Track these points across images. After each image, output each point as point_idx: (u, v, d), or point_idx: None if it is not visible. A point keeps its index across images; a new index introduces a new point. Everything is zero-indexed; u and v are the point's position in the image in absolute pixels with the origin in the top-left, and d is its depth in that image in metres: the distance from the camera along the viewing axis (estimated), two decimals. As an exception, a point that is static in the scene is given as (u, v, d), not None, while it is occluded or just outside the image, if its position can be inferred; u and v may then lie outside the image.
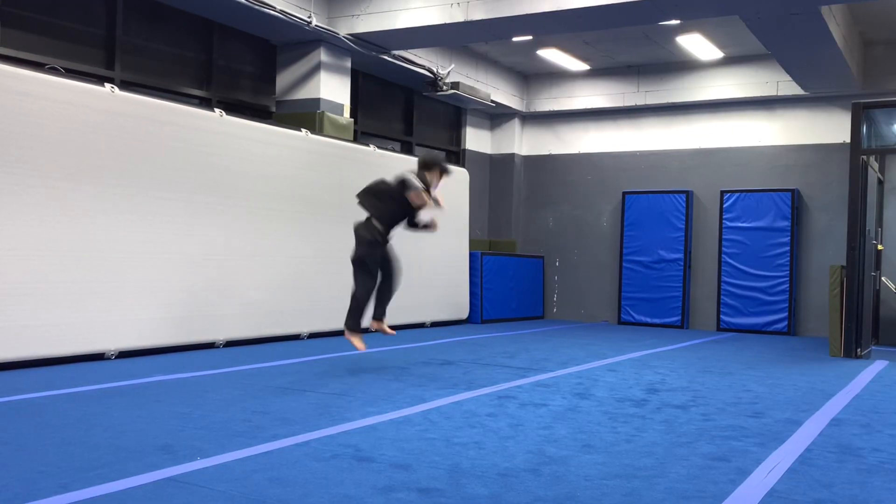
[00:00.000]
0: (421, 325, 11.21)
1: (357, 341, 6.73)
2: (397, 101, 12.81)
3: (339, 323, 9.71)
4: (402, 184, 6.58)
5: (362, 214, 6.78)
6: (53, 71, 7.27)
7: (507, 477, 3.58)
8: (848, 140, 10.52)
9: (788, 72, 10.91)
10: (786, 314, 12.09)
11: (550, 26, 9.54)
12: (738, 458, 4.03)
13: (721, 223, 12.62)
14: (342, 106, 10.40)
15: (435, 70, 11.59)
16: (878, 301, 11.25)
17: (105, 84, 7.25)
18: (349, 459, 3.78)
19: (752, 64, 12.22)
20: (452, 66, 11.92)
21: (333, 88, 10.26)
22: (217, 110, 8.25)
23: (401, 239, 10.87)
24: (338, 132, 10.14)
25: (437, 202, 6.62)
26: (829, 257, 11.69)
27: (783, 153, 12.52)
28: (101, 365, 6.72)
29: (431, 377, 6.51)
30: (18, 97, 6.46)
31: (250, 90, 10.30)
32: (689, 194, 12.95)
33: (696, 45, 11.54)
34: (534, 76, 13.99)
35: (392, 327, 10.76)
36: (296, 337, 9.09)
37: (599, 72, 13.32)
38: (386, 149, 10.91)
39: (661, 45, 11.83)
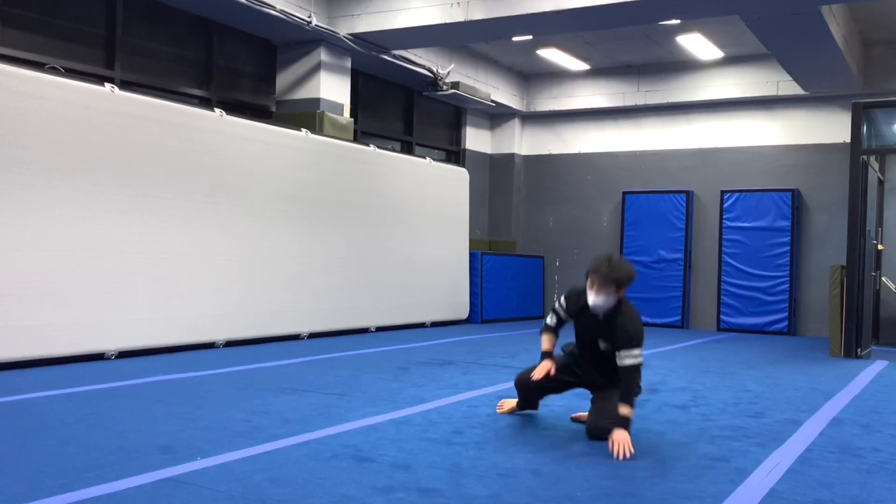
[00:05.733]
0: (421, 325, 11.20)
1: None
2: (397, 101, 12.81)
3: (338, 323, 9.74)
4: None
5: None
6: (53, 71, 7.26)
7: (507, 477, 3.57)
8: (848, 140, 10.51)
9: (788, 72, 10.91)
10: (786, 314, 12.09)
11: (550, 26, 9.54)
12: (738, 458, 4.03)
13: (721, 223, 12.61)
14: (342, 106, 10.40)
15: (435, 70, 11.59)
16: (878, 301, 11.25)
17: (105, 84, 7.25)
18: (349, 459, 3.78)
19: (752, 64, 12.22)
20: (452, 66, 11.91)
21: (333, 88, 10.25)
22: (217, 110, 8.25)
23: (399, 238, 10.88)
24: (338, 132, 10.14)
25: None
26: (829, 257, 11.68)
27: (783, 153, 12.51)
28: (101, 365, 6.72)
29: (431, 377, 6.50)
30: (18, 97, 6.46)
31: (250, 90, 10.30)
32: (689, 194, 12.94)
33: (696, 45, 11.54)
34: (534, 76, 13.99)
35: (392, 327, 10.89)
36: (296, 337, 9.09)
37: (599, 72, 13.32)
38: (386, 149, 10.91)
39: (661, 45, 11.83)
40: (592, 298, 4.29)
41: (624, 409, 4.17)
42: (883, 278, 11.44)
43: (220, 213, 8.16)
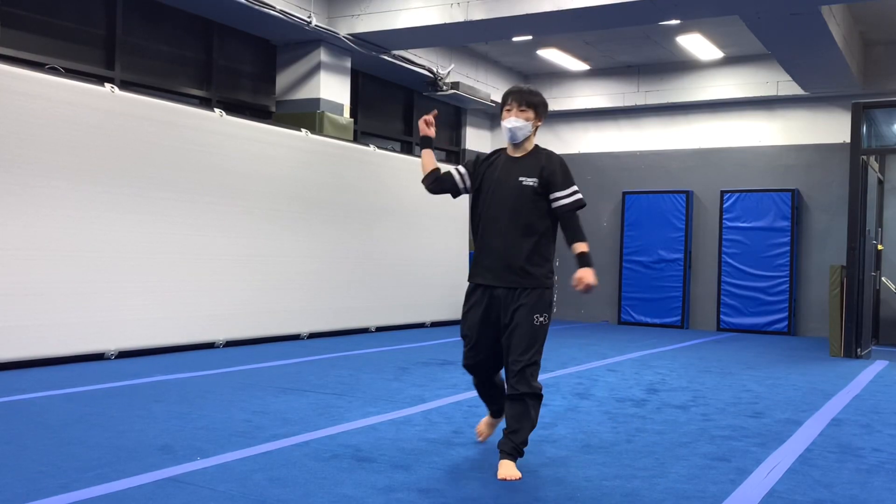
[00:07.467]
0: (421, 325, 11.20)
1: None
2: (397, 101, 12.81)
3: (338, 323, 9.75)
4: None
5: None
6: (53, 71, 7.27)
7: (507, 477, 3.57)
8: (848, 140, 10.52)
9: (788, 72, 10.91)
10: (786, 314, 12.09)
11: (550, 26, 9.54)
12: (738, 458, 4.03)
13: (721, 223, 12.61)
14: (342, 106, 10.40)
15: (435, 70, 11.59)
16: (878, 301, 11.25)
17: (105, 84, 7.25)
18: (349, 459, 3.78)
19: (752, 64, 12.22)
20: (452, 66, 11.91)
21: (333, 88, 10.25)
22: (217, 110, 8.25)
23: (398, 238, 10.87)
24: (338, 132, 10.14)
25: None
26: (829, 257, 11.68)
27: (783, 153, 12.52)
28: (101, 365, 6.72)
29: (431, 377, 6.50)
30: (18, 97, 6.46)
31: (250, 90, 10.30)
32: (689, 194, 12.94)
33: (696, 45, 11.54)
34: (534, 76, 13.98)
35: (392, 327, 10.90)
36: (296, 337, 9.09)
37: (599, 72, 13.32)
38: (386, 149, 10.91)
39: (661, 45, 11.83)
40: (510, 122, 3.81)
41: (581, 246, 3.75)
42: (883, 278, 11.44)
43: (219, 213, 8.16)
